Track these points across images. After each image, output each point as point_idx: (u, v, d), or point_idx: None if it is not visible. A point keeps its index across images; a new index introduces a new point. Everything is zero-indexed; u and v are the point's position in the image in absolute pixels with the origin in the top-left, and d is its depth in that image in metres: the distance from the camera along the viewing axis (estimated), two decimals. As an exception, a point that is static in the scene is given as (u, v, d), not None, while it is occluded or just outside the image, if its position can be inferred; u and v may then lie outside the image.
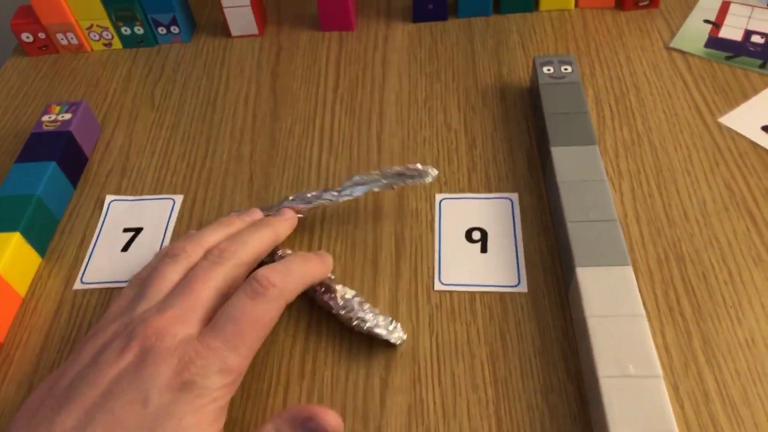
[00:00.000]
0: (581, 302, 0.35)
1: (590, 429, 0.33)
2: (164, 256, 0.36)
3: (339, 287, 0.39)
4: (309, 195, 0.43)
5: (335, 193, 0.43)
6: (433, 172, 0.42)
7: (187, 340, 0.32)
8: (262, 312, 0.33)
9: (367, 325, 0.37)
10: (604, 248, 0.37)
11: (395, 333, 0.37)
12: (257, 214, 0.42)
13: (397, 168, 0.43)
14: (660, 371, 0.32)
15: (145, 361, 0.31)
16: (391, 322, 0.38)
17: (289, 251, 0.41)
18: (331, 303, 0.38)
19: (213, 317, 0.34)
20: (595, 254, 0.36)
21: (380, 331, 0.37)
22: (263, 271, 0.34)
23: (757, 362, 0.35)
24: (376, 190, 0.42)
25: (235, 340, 0.32)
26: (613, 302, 0.34)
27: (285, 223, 0.41)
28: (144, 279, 0.36)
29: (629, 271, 0.36)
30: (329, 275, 0.39)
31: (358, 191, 0.43)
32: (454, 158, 0.48)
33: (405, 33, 0.59)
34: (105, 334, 0.33)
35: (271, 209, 0.43)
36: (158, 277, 0.35)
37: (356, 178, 0.43)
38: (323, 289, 0.39)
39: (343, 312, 0.37)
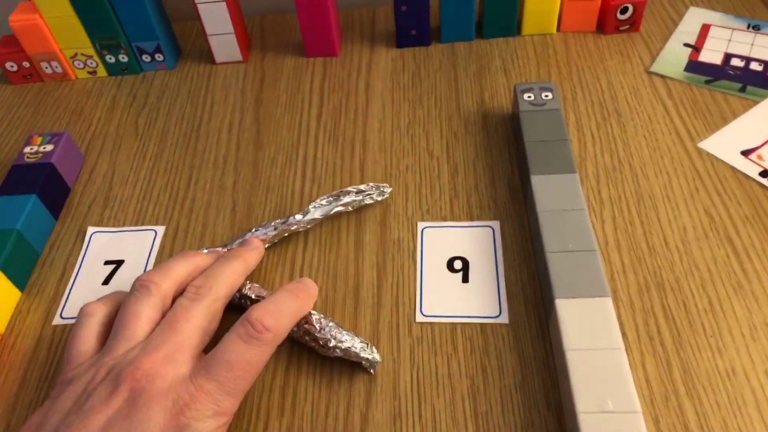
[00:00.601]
0: (560, 335, 0.35)
1: (571, 464, 0.33)
2: (134, 290, 0.36)
3: (314, 312, 0.39)
4: (273, 223, 0.44)
5: (300, 216, 0.44)
6: (387, 189, 0.46)
7: (179, 381, 0.31)
8: (256, 356, 0.33)
9: (345, 345, 0.37)
10: (584, 279, 0.37)
11: (372, 354, 0.37)
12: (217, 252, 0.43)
13: (351, 188, 0.46)
14: (639, 407, 0.31)
15: (137, 405, 0.30)
16: (367, 345, 0.38)
17: (256, 285, 0.41)
18: (308, 327, 0.38)
19: (199, 355, 0.33)
20: (574, 285, 0.36)
21: (357, 351, 0.37)
22: (256, 314, 0.34)
23: (737, 393, 0.35)
24: (339, 209, 0.45)
25: (229, 384, 0.32)
26: (592, 335, 0.34)
27: (253, 252, 0.41)
28: (118, 318, 0.35)
29: (608, 302, 0.36)
30: None
31: (319, 213, 0.44)
32: (436, 186, 0.48)
33: (388, 58, 0.60)
34: (84, 378, 0.32)
35: (233, 242, 0.44)
36: (133, 315, 0.35)
37: (317, 201, 0.45)
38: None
39: (320, 335, 0.37)
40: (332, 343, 0.37)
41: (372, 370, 0.38)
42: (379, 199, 0.46)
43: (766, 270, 0.40)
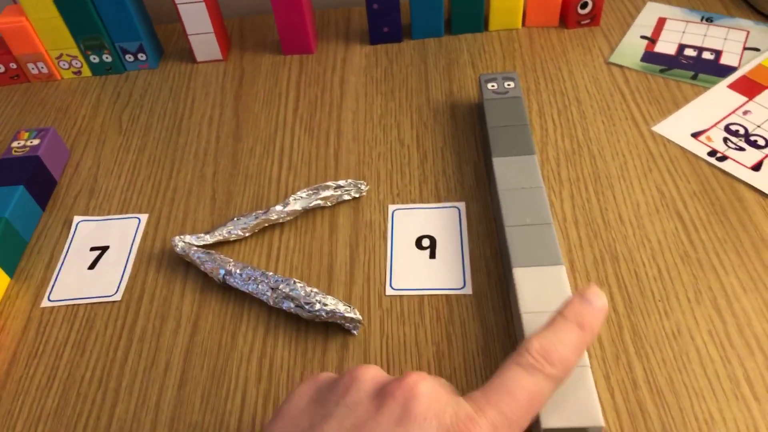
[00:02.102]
0: (517, 300, 0.37)
1: (528, 419, 0.36)
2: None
3: (298, 280, 0.42)
4: (254, 213, 0.47)
5: (281, 207, 0.46)
6: (364, 186, 0.49)
7: (455, 400, 0.27)
8: (539, 388, 0.28)
9: (329, 308, 0.40)
10: (540, 250, 0.39)
11: (355, 314, 0.40)
12: None
13: (330, 183, 0.48)
14: (587, 361, 0.34)
15: (411, 414, 0.26)
16: (350, 307, 0.40)
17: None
18: (292, 294, 0.40)
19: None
20: (530, 255, 0.39)
21: (341, 312, 0.40)
22: (538, 344, 0.29)
23: (683, 352, 0.37)
24: (317, 203, 0.47)
25: (511, 414, 0.27)
26: (546, 299, 0.37)
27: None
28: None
29: (562, 270, 0.38)
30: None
31: (299, 205, 0.47)
32: (406, 172, 0.50)
33: (362, 55, 0.62)
34: (331, 396, 0.28)
35: (225, 227, 0.46)
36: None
37: (297, 194, 0.47)
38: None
39: (306, 300, 0.40)
40: (317, 307, 0.39)
41: (355, 331, 0.40)
42: (357, 195, 0.49)
43: (711, 240, 0.43)
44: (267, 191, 0.51)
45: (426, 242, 0.45)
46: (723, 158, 0.47)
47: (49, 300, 0.45)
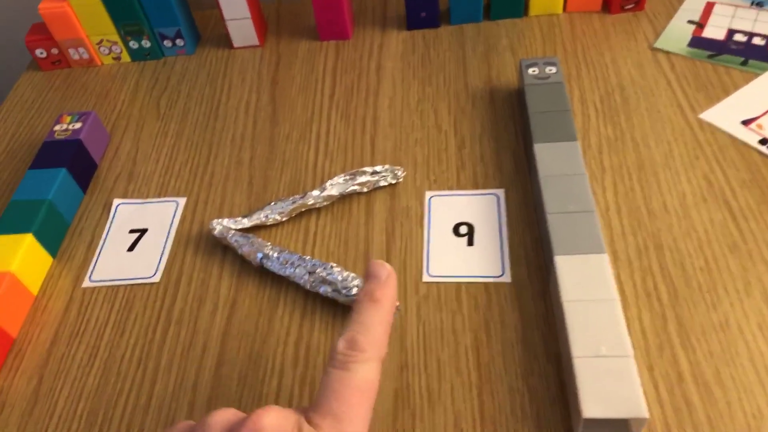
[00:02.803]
0: (558, 288, 0.36)
1: (568, 409, 0.35)
2: None
3: (335, 264, 0.42)
4: (291, 198, 0.47)
5: (317, 192, 0.46)
6: (400, 172, 0.48)
7: (293, 422, 0.27)
8: (362, 380, 0.29)
9: None
10: (582, 238, 0.38)
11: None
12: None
13: (366, 168, 0.48)
14: (631, 351, 0.33)
15: None
16: None
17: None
18: (330, 278, 0.40)
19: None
20: (572, 243, 0.38)
21: None
22: (342, 341, 0.29)
23: (730, 344, 0.36)
24: (354, 188, 0.47)
25: (345, 417, 0.28)
26: (588, 288, 0.36)
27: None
28: None
29: (605, 258, 0.37)
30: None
31: (336, 191, 0.47)
32: (443, 158, 0.50)
33: (399, 40, 0.62)
34: None
35: (262, 210, 0.46)
36: None
37: (334, 179, 0.47)
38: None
39: (343, 284, 0.40)
40: (355, 291, 0.39)
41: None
42: (393, 182, 0.48)
43: (762, 230, 0.41)
44: (303, 176, 0.50)
45: (464, 229, 0.45)
46: (774, 147, 0.46)
47: (90, 280, 0.46)
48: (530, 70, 0.50)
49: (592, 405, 0.31)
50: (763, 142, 0.46)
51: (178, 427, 0.30)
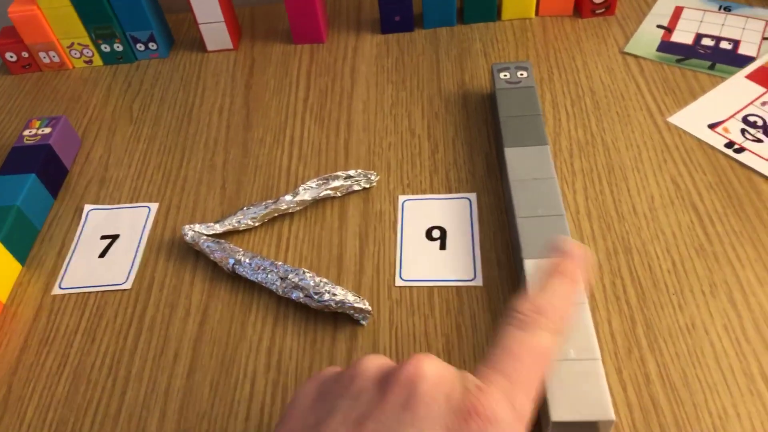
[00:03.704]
0: (527, 293, 0.37)
1: (537, 412, 0.35)
2: None
3: (307, 270, 0.42)
4: (264, 202, 0.47)
5: (290, 197, 0.46)
6: (374, 176, 0.48)
7: (459, 375, 0.26)
8: (539, 344, 0.27)
9: (338, 298, 0.39)
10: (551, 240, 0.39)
11: (365, 305, 0.40)
12: None
13: (340, 173, 0.48)
14: (599, 354, 0.33)
15: (417, 397, 0.25)
16: (359, 297, 0.40)
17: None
18: (302, 284, 0.40)
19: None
20: (541, 246, 0.38)
21: (351, 302, 0.39)
22: (522, 301, 0.28)
23: (696, 345, 0.37)
24: (327, 193, 0.47)
25: (519, 376, 0.26)
26: (557, 291, 0.36)
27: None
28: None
29: (574, 262, 0.38)
30: None
31: (308, 195, 0.46)
32: (417, 162, 0.50)
33: (373, 44, 0.62)
34: (333, 390, 0.28)
35: (235, 216, 0.46)
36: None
37: (307, 183, 0.47)
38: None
39: (315, 290, 0.40)
40: (326, 297, 0.39)
41: (364, 321, 0.40)
42: (367, 186, 0.48)
43: (728, 233, 0.42)
44: (277, 181, 0.50)
45: (436, 233, 0.45)
46: (740, 150, 0.47)
47: (60, 288, 0.45)
48: (502, 75, 0.51)
49: (560, 408, 0.32)
50: (729, 145, 0.47)
51: (326, 372, 0.29)
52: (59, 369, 0.41)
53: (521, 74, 0.51)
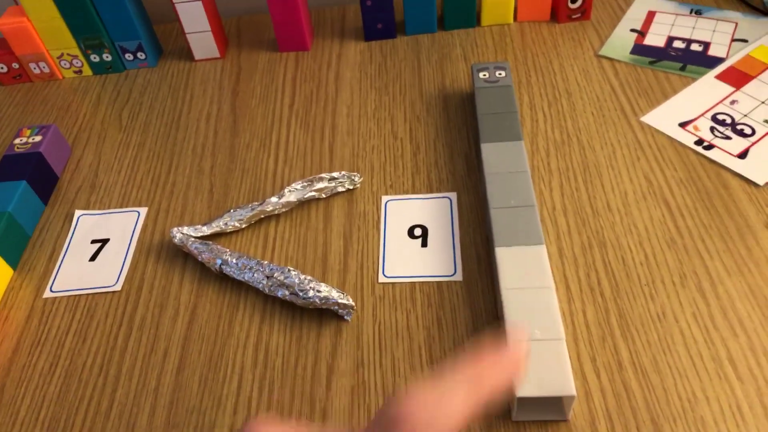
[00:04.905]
0: (498, 278, 0.38)
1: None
2: None
3: (292, 268, 0.43)
4: (250, 205, 0.48)
5: (276, 199, 0.47)
6: (357, 178, 0.50)
7: None
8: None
9: (323, 294, 0.41)
10: (522, 230, 0.40)
11: (348, 301, 0.41)
12: None
13: (324, 175, 0.49)
14: (563, 335, 0.35)
15: None
16: (343, 294, 0.41)
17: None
18: (287, 281, 0.41)
19: None
20: (513, 235, 0.40)
21: (335, 299, 0.41)
22: (394, 405, 0.23)
23: (667, 333, 0.38)
24: (312, 194, 0.48)
25: None
26: (526, 277, 0.38)
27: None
28: None
29: (542, 249, 0.39)
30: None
31: (294, 197, 0.48)
32: (399, 164, 0.51)
33: (357, 51, 0.63)
34: None
35: (222, 218, 0.47)
36: None
37: (292, 185, 0.48)
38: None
39: (300, 287, 0.41)
40: (311, 293, 0.41)
41: (348, 317, 0.41)
42: (351, 187, 0.50)
43: (697, 226, 0.44)
44: (263, 184, 0.52)
45: (418, 231, 0.46)
46: (710, 147, 0.48)
47: (51, 291, 0.46)
48: (481, 74, 0.52)
49: (525, 384, 0.33)
50: (698, 142, 0.49)
51: None
52: (51, 369, 0.42)
53: (500, 74, 0.52)
